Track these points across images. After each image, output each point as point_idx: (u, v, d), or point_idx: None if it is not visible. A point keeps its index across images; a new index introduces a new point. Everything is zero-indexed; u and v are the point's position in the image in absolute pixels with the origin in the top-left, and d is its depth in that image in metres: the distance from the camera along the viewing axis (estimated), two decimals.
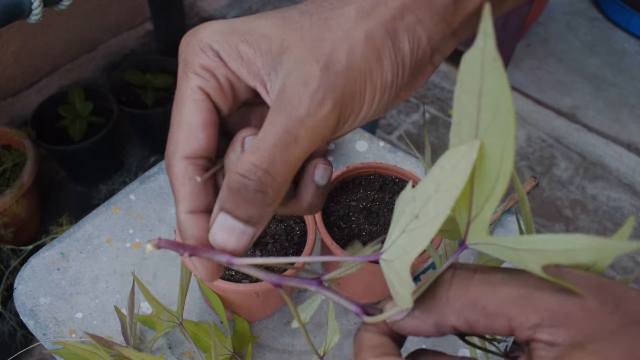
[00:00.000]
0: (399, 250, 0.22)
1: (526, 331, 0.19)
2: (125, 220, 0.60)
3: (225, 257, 0.26)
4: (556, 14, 2.13)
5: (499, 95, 0.19)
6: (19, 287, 0.54)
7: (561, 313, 0.19)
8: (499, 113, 0.19)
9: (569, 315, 0.19)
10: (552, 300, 0.19)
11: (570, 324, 0.19)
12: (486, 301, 0.20)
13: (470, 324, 0.21)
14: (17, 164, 1.23)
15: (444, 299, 0.21)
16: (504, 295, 0.20)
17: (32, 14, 0.49)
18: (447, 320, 0.21)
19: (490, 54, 0.19)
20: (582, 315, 0.19)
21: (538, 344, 0.19)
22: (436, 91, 1.83)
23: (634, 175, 1.61)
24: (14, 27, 1.36)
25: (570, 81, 1.87)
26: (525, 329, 0.19)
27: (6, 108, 1.46)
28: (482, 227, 0.21)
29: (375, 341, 0.23)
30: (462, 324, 0.21)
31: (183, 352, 0.51)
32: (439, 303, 0.22)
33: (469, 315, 0.21)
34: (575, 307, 0.19)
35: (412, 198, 0.22)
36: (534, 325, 0.19)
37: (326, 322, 0.55)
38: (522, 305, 0.20)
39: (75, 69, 1.60)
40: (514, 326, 0.20)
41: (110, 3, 1.61)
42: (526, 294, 0.20)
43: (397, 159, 0.68)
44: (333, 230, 0.50)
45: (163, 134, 1.61)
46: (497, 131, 0.19)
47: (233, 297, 0.49)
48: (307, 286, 0.25)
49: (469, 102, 0.20)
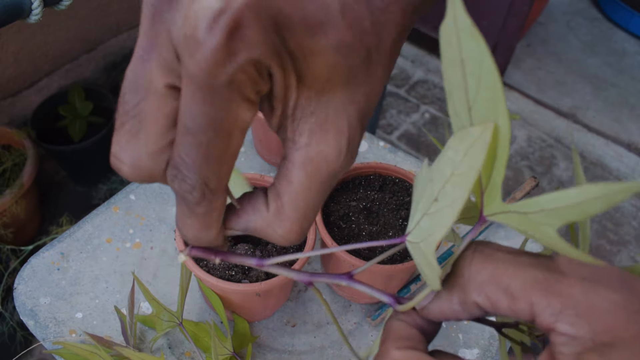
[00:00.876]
0: (423, 232, 0.22)
1: (548, 318, 0.19)
2: (125, 220, 0.60)
3: (254, 261, 0.26)
4: (556, 14, 2.13)
5: (479, 59, 0.19)
6: (19, 287, 0.54)
7: (585, 302, 0.18)
8: (483, 77, 0.19)
9: (593, 306, 0.18)
10: (577, 287, 0.19)
11: (593, 316, 0.18)
12: (509, 279, 0.20)
13: (492, 302, 0.20)
14: (17, 164, 1.23)
15: (466, 275, 0.21)
16: (528, 276, 0.19)
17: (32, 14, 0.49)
18: (469, 296, 0.21)
19: (462, 20, 0.19)
20: (606, 309, 0.18)
21: (558, 337, 0.19)
22: (436, 91, 1.83)
23: (634, 175, 1.61)
24: (14, 27, 1.36)
25: (570, 81, 1.87)
26: (547, 315, 0.19)
27: (6, 108, 1.46)
28: (495, 194, 0.21)
29: (403, 332, 0.23)
30: (485, 302, 0.21)
31: (183, 352, 0.51)
32: (461, 279, 0.21)
33: (490, 292, 0.20)
34: (600, 298, 0.18)
35: (430, 179, 0.22)
36: (555, 312, 0.19)
37: (326, 322, 0.55)
38: (545, 289, 0.19)
39: (75, 69, 1.60)
40: (535, 311, 0.19)
41: (110, 3, 1.61)
42: (551, 278, 0.19)
43: (397, 159, 0.68)
44: (333, 230, 0.50)
45: None
46: (486, 95, 0.19)
47: (233, 297, 0.49)
48: (338, 281, 0.25)
49: (454, 73, 0.20)
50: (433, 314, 0.23)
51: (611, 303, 0.18)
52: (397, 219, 0.51)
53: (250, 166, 0.67)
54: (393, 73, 1.86)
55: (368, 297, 0.55)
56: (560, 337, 0.19)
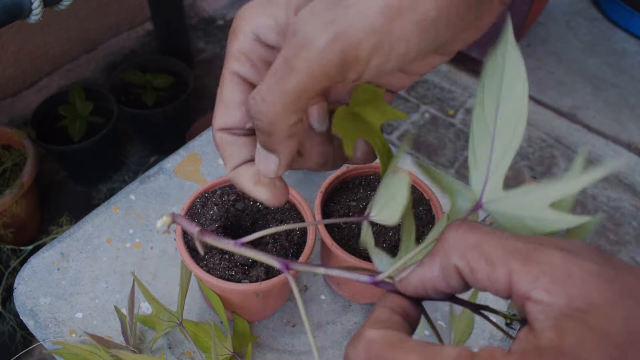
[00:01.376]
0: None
1: (525, 285, 0.19)
2: (125, 220, 0.60)
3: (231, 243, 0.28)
4: (556, 14, 2.13)
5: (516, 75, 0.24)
6: (19, 287, 0.54)
7: (561, 269, 0.19)
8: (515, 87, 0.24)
9: (570, 273, 0.19)
10: (555, 256, 0.19)
11: (569, 282, 0.18)
12: (490, 248, 0.20)
13: (472, 269, 0.21)
14: (17, 164, 1.23)
15: (451, 241, 0.22)
16: (509, 245, 0.20)
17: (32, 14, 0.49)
18: (451, 260, 0.21)
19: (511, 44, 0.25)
20: (581, 276, 0.18)
21: (535, 306, 0.19)
22: (436, 91, 1.83)
23: (634, 175, 1.61)
24: (14, 27, 1.36)
25: (570, 81, 1.87)
26: (523, 282, 0.19)
27: (6, 108, 1.46)
28: (498, 182, 0.24)
29: (382, 316, 0.23)
30: (465, 267, 0.21)
31: (183, 352, 0.51)
32: (446, 244, 0.22)
33: (472, 259, 0.21)
34: (576, 266, 0.19)
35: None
36: (533, 278, 0.19)
37: (327, 322, 0.55)
38: (524, 257, 0.20)
39: (75, 69, 1.60)
40: (513, 279, 0.19)
41: (110, 3, 1.61)
42: (530, 247, 0.20)
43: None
44: (333, 230, 0.50)
45: (163, 134, 1.62)
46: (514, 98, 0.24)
47: (233, 297, 0.49)
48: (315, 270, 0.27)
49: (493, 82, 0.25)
50: (412, 283, 0.23)
51: (586, 272, 0.18)
52: None
53: None
54: None
55: (368, 297, 0.55)
56: (536, 305, 0.19)
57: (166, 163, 0.66)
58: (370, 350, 0.21)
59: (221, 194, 0.51)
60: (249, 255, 0.28)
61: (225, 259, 0.47)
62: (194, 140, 0.69)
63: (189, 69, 1.49)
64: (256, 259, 0.27)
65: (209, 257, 0.47)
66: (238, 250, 0.28)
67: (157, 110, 1.38)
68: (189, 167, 0.66)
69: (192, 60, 1.67)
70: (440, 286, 0.22)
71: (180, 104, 1.40)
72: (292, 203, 0.52)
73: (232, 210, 0.51)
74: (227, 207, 0.51)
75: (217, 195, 0.51)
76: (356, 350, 0.21)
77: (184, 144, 0.69)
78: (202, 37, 1.85)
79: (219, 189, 0.52)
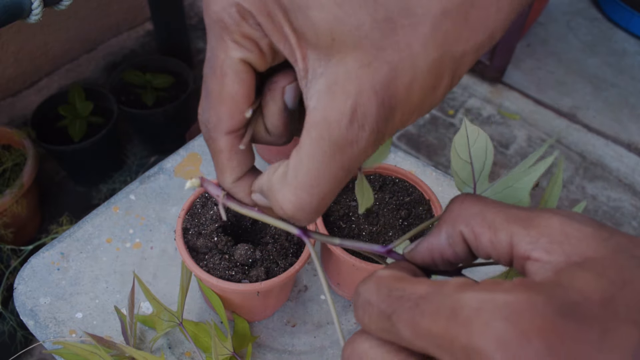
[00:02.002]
0: None
1: (525, 246, 0.20)
2: (125, 220, 0.60)
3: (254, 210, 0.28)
4: (556, 14, 2.13)
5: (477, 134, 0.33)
6: (19, 287, 0.54)
7: (560, 231, 0.20)
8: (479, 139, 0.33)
9: (567, 234, 0.20)
10: (554, 220, 0.20)
11: (566, 242, 0.20)
12: (493, 215, 0.22)
13: (476, 234, 0.22)
14: (17, 164, 1.23)
15: (456, 210, 0.23)
16: (510, 212, 0.22)
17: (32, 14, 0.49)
18: (456, 227, 0.23)
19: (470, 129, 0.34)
20: (578, 237, 0.20)
21: (534, 264, 0.20)
22: None
23: (634, 175, 1.61)
24: (14, 27, 1.36)
25: (570, 81, 1.87)
26: (524, 244, 0.20)
27: (6, 108, 1.46)
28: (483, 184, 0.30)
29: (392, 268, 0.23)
30: (469, 234, 0.22)
31: (183, 352, 0.51)
32: (452, 214, 0.23)
33: (475, 225, 0.22)
34: (573, 229, 0.20)
35: None
36: (533, 240, 0.20)
37: (326, 322, 0.55)
38: (525, 221, 0.21)
39: (75, 69, 1.60)
40: (514, 241, 0.21)
41: (110, 3, 1.61)
42: (531, 214, 0.21)
43: (397, 159, 0.68)
44: (333, 230, 0.50)
45: (163, 134, 1.62)
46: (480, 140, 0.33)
47: (233, 297, 0.49)
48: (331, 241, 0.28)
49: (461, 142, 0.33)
50: (420, 253, 0.24)
51: (583, 233, 0.20)
52: (397, 219, 0.51)
53: None
54: None
55: None
56: (535, 263, 0.20)
57: (166, 163, 0.66)
58: (381, 283, 0.21)
59: None
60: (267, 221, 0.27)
61: (225, 259, 0.47)
62: (194, 140, 0.69)
63: (189, 69, 1.49)
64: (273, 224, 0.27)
65: (209, 257, 0.47)
66: (260, 217, 0.27)
67: (157, 110, 1.38)
68: (189, 167, 0.66)
69: (192, 60, 1.67)
70: (447, 253, 0.23)
71: (180, 104, 1.40)
72: None
73: (231, 210, 0.51)
74: (227, 207, 0.51)
75: None
76: (366, 285, 0.22)
77: (184, 144, 0.69)
78: (202, 37, 1.85)
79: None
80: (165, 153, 1.32)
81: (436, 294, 0.19)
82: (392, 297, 0.20)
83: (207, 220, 0.49)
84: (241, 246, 0.47)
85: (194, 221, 0.49)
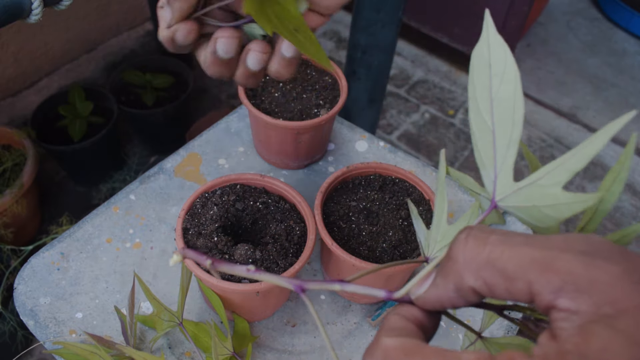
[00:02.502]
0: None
1: (547, 296, 0.18)
2: (125, 220, 0.60)
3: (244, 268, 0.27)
4: (556, 14, 2.13)
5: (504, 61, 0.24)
6: (19, 287, 0.54)
7: (585, 277, 0.18)
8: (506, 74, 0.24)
9: (593, 280, 0.18)
10: (576, 263, 0.18)
11: (594, 290, 0.17)
12: (505, 262, 0.19)
13: (489, 286, 0.20)
14: (17, 164, 1.23)
15: (461, 261, 0.21)
16: (525, 256, 0.19)
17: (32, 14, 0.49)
18: (465, 282, 0.21)
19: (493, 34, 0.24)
20: (606, 281, 0.18)
21: (559, 314, 0.18)
22: (436, 91, 1.83)
23: (634, 175, 1.61)
24: (14, 27, 1.36)
25: (570, 81, 1.88)
26: (546, 293, 0.18)
27: (6, 108, 1.46)
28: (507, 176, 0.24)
29: (397, 324, 0.22)
30: (481, 286, 0.20)
31: (183, 352, 0.51)
32: (457, 266, 0.21)
33: (487, 277, 0.20)
34: (600, 271, 0.18)
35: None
36: (555, 289, 0.18)
37: (327, 322, 0.55)
38: (543, 267, 0.18)
39: (75, 69, 1.60)
40: (534, 290, 0.19)
41: (110, 3, 1.61)
42: (548, 255, 0.19)
43: (397, 159, 0.68)
44: (333, 230, 0.50)
45: (163, 134, 1.62)
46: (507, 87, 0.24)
47: (233, 297, 0.49)
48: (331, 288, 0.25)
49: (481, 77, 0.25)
50: (430, 302, 0.23)
51: (612, 276, 0.18)
52: (397, 219, 0.51)
53: (250, 166, 0.67)
54: (393, 73, 1.86)
55: (367, 298, 0.55)
56: (561, 313, 0.18)
57: (166, 163, 0.66)
58: (388, 357, 0.20)
59: (221, 194, 0.51)
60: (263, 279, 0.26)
61: (225, 259, 0.47)
62: (194, 140, 0.69)
63: (189, 69, 1.49)
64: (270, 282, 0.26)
65: (209, 257, 0.47)
66: (252, 276, 0.27)
67: (157, 110, 1.38)
68: (189, 167, 0.66)
69: (192, 60, 1.67)
70: (458, 303, 0.22)
71: (180, 104, 1.40)
72: (292, 203, 0.52)
73: (232, 210, 0.51)
74: (227, 207, 0.51)
75: (217, 195, 0.51)
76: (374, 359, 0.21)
77: (184, 144, 0.69)
78: None
79: (219, 189, 0.52)
80: (165, 153, 1.32)
81: None
82: None
83: (207, 220, 0.49)
84: (241, 246, 0.47)
85: (194, 221, 0.49)
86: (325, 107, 0.61)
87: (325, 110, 0.61)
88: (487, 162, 0.25)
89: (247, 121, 0.71)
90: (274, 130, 0.60)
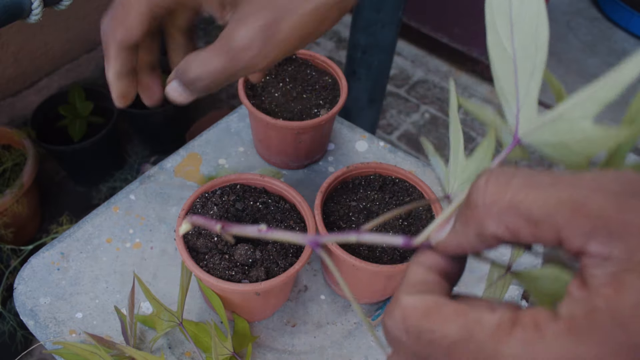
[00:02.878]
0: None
1: (577, 240, 0.17)
2: (125, 220, 0.60)
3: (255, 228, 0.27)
4: (556, 14, 2.13)
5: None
6: (19, 287, 0.54)
7: (618, 219, 0.16)
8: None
9: (627, 223, 0.16)
10: (608, 204, 0.16)
11: (629, 234, 0.16)
12: (529, 205, 0.18)
13: (512, 231, 0.18)
14: (17, 164, 1.23)
15: (481, 205, 0.19)
16: (551, 198, 0.17)
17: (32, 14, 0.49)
18: (486, 228, 0.19)
19: None
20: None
21: (590, 259, 0.17)
22: (436, 91, 1.83)
23: None
24: (14, 27, 1.36)
25: (570, 81, 1.88)
26: (575, 237, 0.17)
27: (6, 108, 1.46)
28: (531, 108, 0.21)
29: (418, 277, 0.21)
30: (504, 232, 0.19)
31: (183, 352, 0.51)
32: (476, 211, 0.19)
33: (510, 222, 0.18)
34: (635, 214, 0.16)
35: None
36: (586, 233, 0.16)
37: (326, 322, 0.55)
38: (572, 209, 0.17)
39: (75, 69, 1.60)
40: (562, 235, 0.17)
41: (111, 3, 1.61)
42: (577, 196, 0.17)
43: (397, 159, 0.68)
44: (333, 230, 0.50)
45: (163, 134, 1.62)
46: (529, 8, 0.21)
47: (233, 297, 0.49)
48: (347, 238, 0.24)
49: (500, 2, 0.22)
50: (450, 248, 0.21)
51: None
52: (397, 219, 0.51)
53: (250, 166, 0.67)
54: (393, 73, 1.86)
55: (368, 297, 0.55)
56: (591, 259, 0.17)
57: (166, 163, 0.66)
58: (408, 320, 0.19)
59: (221, 194, 0.51)
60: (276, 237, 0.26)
61: (225, 259, 0.47)
62: (194, 140, 0.69)
63: None
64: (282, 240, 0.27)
65: (209, 257, 0.47)
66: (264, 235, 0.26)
67: (157, 110, 1.38)
68: (189, 167, 0.66)
69: None
70: (480, 248, 0.20)
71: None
72: (292, 203, 0.52)
73: (232, 210, 0.51)
74: (227, 207, 0.51)
75: (217, 195, 0.51)
76: (393, 320, 0.20)
77: (184, 144, 0.69)
78: (202, 37, 1.85)
79: (219, 189, 0.52)
80: (165, 153, 1.32)
81: (468, 341, 0.17)
82: (423, 341, 0.19)
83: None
84: (241, 246, 0.47)
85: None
86: (325, 107, 0.61)
87: (325, 110, 0.61)
88: (509, 93, 0.22)
89: (247, 121, 0.71)
90: (274, 130, 0.60)
